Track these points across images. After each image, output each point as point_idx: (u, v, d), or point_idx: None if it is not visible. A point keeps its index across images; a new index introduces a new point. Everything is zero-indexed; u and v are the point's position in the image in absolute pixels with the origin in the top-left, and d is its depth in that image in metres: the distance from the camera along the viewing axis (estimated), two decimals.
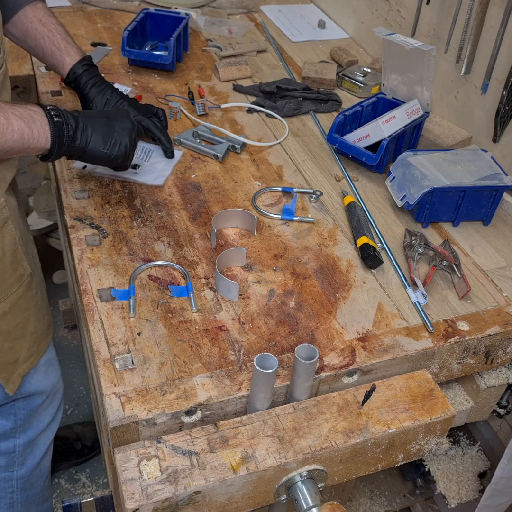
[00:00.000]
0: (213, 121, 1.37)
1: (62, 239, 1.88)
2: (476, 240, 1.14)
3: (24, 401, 1.23)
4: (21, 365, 1.15)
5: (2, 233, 1.04)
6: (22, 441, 1.28)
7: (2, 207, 1.03)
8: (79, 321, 1.61)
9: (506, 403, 1.13)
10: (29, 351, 1.16)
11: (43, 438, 1.33)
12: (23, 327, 1.13)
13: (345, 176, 1.26)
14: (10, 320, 1.09)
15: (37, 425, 1.30)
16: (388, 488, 1.46)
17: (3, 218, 1.04)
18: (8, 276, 1.07)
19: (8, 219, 1.05)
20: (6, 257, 1.05)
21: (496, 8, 1.21)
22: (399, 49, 1.24)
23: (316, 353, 0.78)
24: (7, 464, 1.29)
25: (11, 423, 1.24)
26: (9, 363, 1.12)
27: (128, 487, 0.72)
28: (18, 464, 1.30)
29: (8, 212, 1.05)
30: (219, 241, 1.07)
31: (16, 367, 1.14)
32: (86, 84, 1.19)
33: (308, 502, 0.77)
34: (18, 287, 1.09)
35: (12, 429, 1.25)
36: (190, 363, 0.86)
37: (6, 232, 1.05)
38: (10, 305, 1.08)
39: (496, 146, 1.28)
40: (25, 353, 1.15)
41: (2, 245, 1.04)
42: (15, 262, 1.08)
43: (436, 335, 0.94)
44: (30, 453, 1.31)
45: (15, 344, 1.12)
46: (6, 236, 1.05)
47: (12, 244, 1.07)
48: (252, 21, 1.85)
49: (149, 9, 1.57)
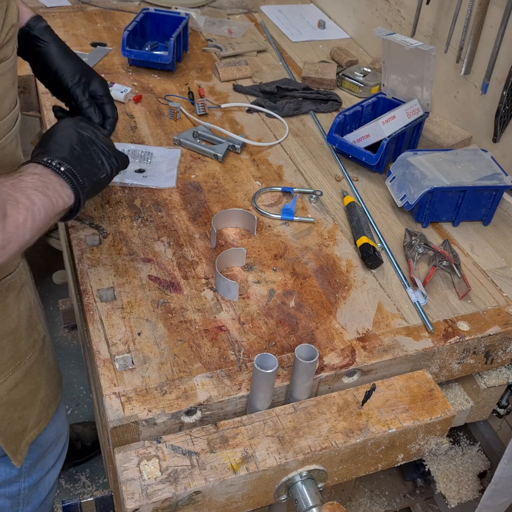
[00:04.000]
0: (213, 121, 1.37)
1: (62, 239, 1.88)
2: (476, 240, 1.14)
3: (30, 452, 1.14)
4: (29, 433, 1.06)
5: (19, 298, 0.96)
6: (27, 484, 1.21)
7: (21, 272, 0.96)
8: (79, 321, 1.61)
9: (506, 403, 1.13)
10: (38, 417, 1.07)
11: (49, 477, 1.27)
12: (34, 394, 1.04)
13: (345, 176, 1.26)
14: (22, 389, 1.01)
15: (42, 468, 1.23)
16: (388, 488, 1.46)
17: (20, 283, 0.96)
18: (23, 344, 0.99)
19: (25, 283, 0.98)
20: (22, 323, 0.98)
21: (496, 8, 1.21)
22: (399, 49, 1.24)
23: (316, 353, 0.78)
24: (12, 505, 1.23)
25: (16, 471, 1.16)
26: (17, 433, 1.03)
27: (128, 487, 0.72)
28: (23, 503, 1.24)
29: (25, 276, 0.98)
30: (219, 241, 1.07)
31: (24, 436, 1.05)
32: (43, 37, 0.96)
33: (308, 502, 0.77)
34: (31, 354, 1.01)
35: (17, 476, 1.18)
36: (190, 363, 0.86)
37: (22, 298, 0.97)
38: (23, 374, 1.00)
39: (496, 146, 1.28)
40: (34, 420, 1.06)
41: (18, 312, 0.96)
42: (30, 328, 1.01)
43: (436, 335, 0.94)
44: (35, 492, 1.25)
45: (25, 413, 1.03)
46: (22, 301, 0.97)
47: (28, 309, 0.99)
48: (252, 21, 1.85)
49: (149, 9, 1.57)
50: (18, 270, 0.96)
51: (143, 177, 1.17)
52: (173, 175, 1.19)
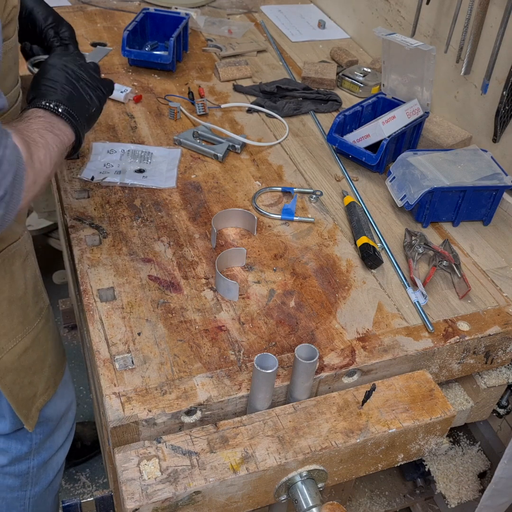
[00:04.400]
0: (213, 121, 1.37)
1: (62, 239, 1.88)
2: (476, 240, 1.14)
3: (41, 427, 1.20)
4: (39, 399, 1.12)
5: (24, 266, 1.02)
6: (36, 462, 1.25)
7: (25, 240, 1.02)
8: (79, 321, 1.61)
9: (506, 403, 1.13)
10: (47, 383, 1.13)
11: (57, 457, 1.31)
12: (42, 360, 1.11)
13: (345, 176, 1.26)
14: (31, 355, 1.07)
15: (51, 446, 1.27)
16: (388, 488, 1.46)
17: (26, 252, 1.02)
18: (30, 311, 1.05)
19: (29, 252, 1.04)
20: (28, 291, 1.03)
21: (496, 8, 1.21)
22: (399, 49, 1.24)
23: (316, 353, 0.78)
24: (21, 484, 1.26)
25: (26, 447, 1.21)
26: (28, 399, 1.09)
27: (128, 487, 0.72)
28: (32, 483, 1.28)
29: (30, 245, 1.04)
30: (219, 241, 1.07)
31: (34, 401, 1.11)
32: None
33: (308, 502, 0.77)
34: (39, 321, 1.07)
35: (27, 453, 1.22)
36: (190, 363, 0.86)
37: (27, 266, 1.03)
38: (31, 340, 1.06)
39: (496, 146, 1.28)
40: (43, 386, 1.12)
41: (25, 280, 1.02)
42: (36, 295, 1.06)
43: (436, 335, 0.94)
44: (44, 473, 1.29)
45: (34, 379, 1.09)
46: (28, 269, 1.03)
47: (34, 277, 1.05)
48: (252, 21, 1.85)
49: (149, 9, 1.57)
50: (23, 238, 1.01)
51: (143, 177, 1.17)
52: (173, 175, 1.19)
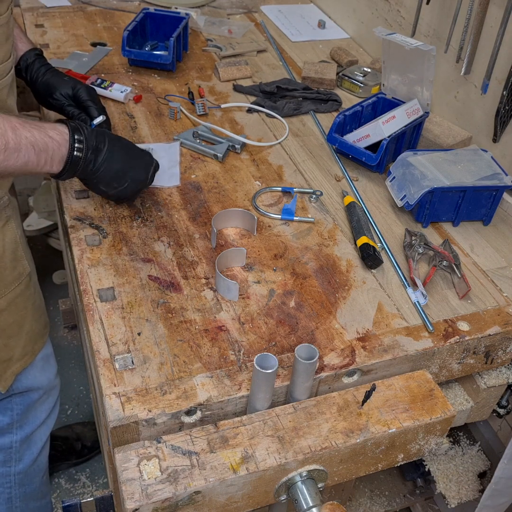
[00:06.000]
0: (213, 121, 1.37)
1: (62, 239, 1.88)
2: (476, 240, 1.14)
3: (21, 397, 1.24)
4: (15, 364, 1.16)
5: (3, 231, 1.05)
6: (19, 436, 1.29)
7: (5, 205, 1.05)
8: (79, 321, 1.61)
9: (506, 403, 1.13)
10: (24, 350, 1.17)
11: (40, 433, 1.35)
12: (19, 325, 1.14)
13: (345, 176, 1.26)
14: (6, 318, 1.10)
15: (34, 421, 1.31)
16: (388, 488, 1.46)
17: (5, 216, 1.05)
18: (7, 274, 1.07)
19: (10, 217, 1.06)
20: (6, 255, 1.06)
21: (496, 8, 1.21)
22: (399, 49, 1.24)
23: (316, 353, 0.78)
24: (4, 459, 1.30)
25: (8, 418, 1.25)
26: (2, 361, 1.13)
27: (128, 487, 0.72)
28: (16, 459, 1.32)
29: (11, 211, 1.06)
30: (219, 241, 1.07)
31: (10, 365, 1.15)
32: (39, 70, 1.16)
33: (308, 502, 0.77)
34: (16, 286, 1.10)
35: (9, 424, 1.26)
36: (190, 363, 0.86)
37: (7, 230, 1.06)
38: (7, 303, 1.09)
39: (496, 146, 1.28)
40: (20, 352, 1.16)
41: (3, 243, 1.05)
42: (15, 260, 1.09)
43: (436, 335, 0.94)
44: (27, 449, 1.33)
45: (10, 342, 1.13)
46: (7, 234, 1.06)
47: (13, 242, 1.08)
48: (252, 21, 1.85)
49: (149, 9, 1.57)
50: (1, 203, 1.04)
51: None
52: (176, 173, 1.19)
